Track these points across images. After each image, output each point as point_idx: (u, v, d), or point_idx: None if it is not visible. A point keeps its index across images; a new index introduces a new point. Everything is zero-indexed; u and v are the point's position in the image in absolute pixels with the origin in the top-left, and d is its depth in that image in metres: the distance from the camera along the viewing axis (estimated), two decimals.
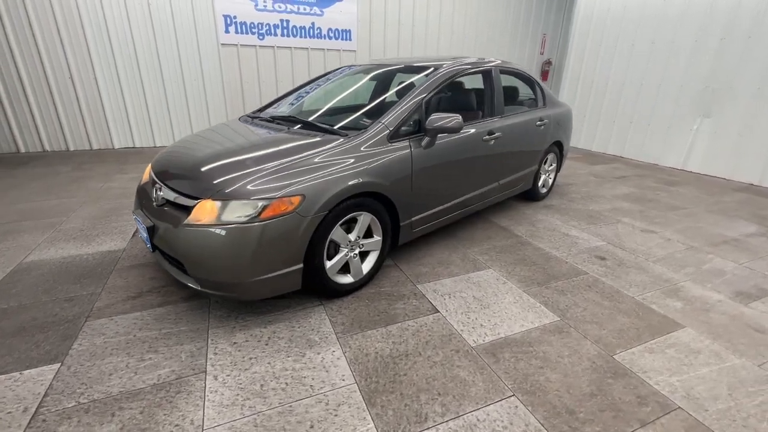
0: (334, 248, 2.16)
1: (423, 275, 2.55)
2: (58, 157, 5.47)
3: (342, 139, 2.17)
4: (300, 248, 1.90)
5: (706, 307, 2.29)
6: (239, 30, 6.22)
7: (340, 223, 2.08)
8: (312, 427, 1.44)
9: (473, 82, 3.24)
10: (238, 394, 1.58)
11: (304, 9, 6.50)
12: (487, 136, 2.93)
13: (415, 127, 2.47)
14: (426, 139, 2.44)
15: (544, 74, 8.96)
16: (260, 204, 1.80)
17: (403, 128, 2.38)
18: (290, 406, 1.53)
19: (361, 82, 3.14)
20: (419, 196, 2.50)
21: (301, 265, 1.95)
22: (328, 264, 2.10)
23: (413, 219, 2.53)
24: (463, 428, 1.46)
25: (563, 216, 3.70)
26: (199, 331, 1.94)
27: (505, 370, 1.75)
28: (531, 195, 3.99)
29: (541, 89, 3.78)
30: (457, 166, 2.72)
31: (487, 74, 3.12)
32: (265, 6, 6.24)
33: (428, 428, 1.45)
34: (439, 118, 2.37)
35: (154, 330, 1.94)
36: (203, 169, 2.05)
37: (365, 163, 2.11)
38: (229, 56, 6.29)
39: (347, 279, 2.25)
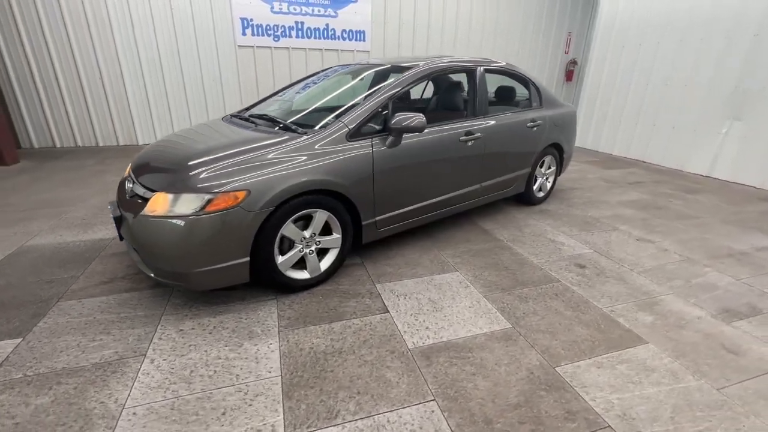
0: (289, 244, 2.20)
1: (386, 275, 2.54)
2: (88, 152, 5.92)
3: (298, 137, 2.22)
4: (245, 242, 1.96)
5: (681, 323, 2.13)
6: (255, 32, 6.45)
7: (293, 219, 2.12)
8: (224, 414, 1.49)
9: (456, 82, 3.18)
10: (167, 378, 1.66)
11: (319, 11, 6.64)
12: (465, 137, 2.87)
13: (381, 127, 2.47)
14: (390, 139, 2.43)
15: (569, 74, 8.60)
16: (206, 198, 1.87)
17: (365, 127, 2.39)
18: (210, 393, 1.59)
19: (346, 82, 3.17)
20: (384, 196, 2.49)
21: (247, 259, 2.01)
22: (280, 259, 2.15)
23: (377, 218, 2.53)
24: (370, 428, 1.45)
25: (556, 221, 3.55)
26: (153, 317, 2.05)
27: (434, 374, 1.72)
28: (525, 198, 3.86)
29: (537, 89, 3.64)
30: (428, 166, 2.69)
31: (470, 74, 3.06)
32: (280, 9, 6.44)
33: (335, 425, 1.46)
34: (403, 118, 2.35)
35: (113, 314, 2.07)
36: (165, 164, 2.16)
37: (318, 161, 2.14)
38: (246, 57, 6.54)
39: (303, 275, 2.29)
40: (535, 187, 3.85)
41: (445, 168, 2.82)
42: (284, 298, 2.26)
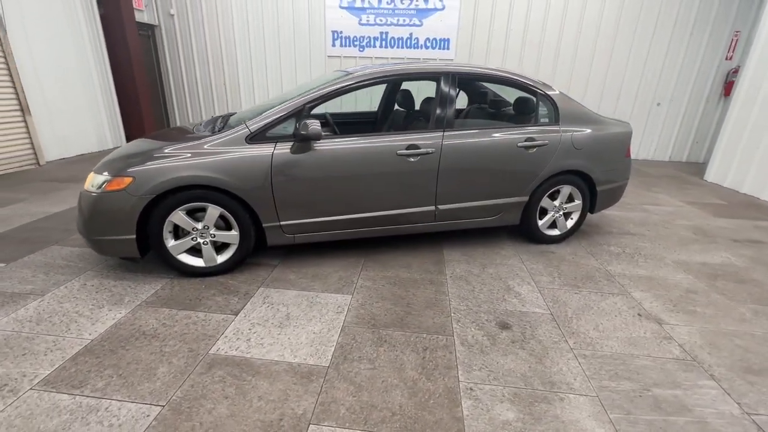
0: (183, 231, 2.42)
1: (280, 281, 2.51)
2: None
3: (199, 137, 2.40)
4: (128, 221, 2.25)
5: None
6: (344, 43, 6.98)
7: (185, 209, 2.33)
8: (23, 356, 1.79)
9: (427, 91, 2.85)
10: (31, 316, 2.07)
11: (404, 20, 6.74)
12: (405, 151, 2.57)
13: (292, 133, 2.45)
14: (294, 145, 2.39)
15: (728, 87, 6.41)
16: (104, 179, 2.25)
17: (273, 131, 2.41)
18: (37, 336, 1.92)
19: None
20: (287, 201, 2.46)
21: (133, 237, 2.30)
22: (171, 243, 2.38)
23: (282, 223, 2.51)
24: (88, 408, 1.52)
25: (546, 267, 2.80)
26: (80, 270, 2.55)
27: (194, 384, 1.66)
28: (528, 234, 3.16)
29: (553, 103, 2.93)
30: (348, 178, 2.51)
31: (433, 81, 2.70)
32: (367, 21, 6.80)
33: (69, 394, 1.58)
34: (303, 125, 2.30)
35: (66, 261, 2.66)
36: (116, 152, 2.65)
37: (201, 159, 2.27)
38: (333, 66, 7.14)
39: (197, 262, 2.48)
40: (541, 222, 3.11)
41: (375, 183, 2.58)
42: (178, 279, 2.49)
